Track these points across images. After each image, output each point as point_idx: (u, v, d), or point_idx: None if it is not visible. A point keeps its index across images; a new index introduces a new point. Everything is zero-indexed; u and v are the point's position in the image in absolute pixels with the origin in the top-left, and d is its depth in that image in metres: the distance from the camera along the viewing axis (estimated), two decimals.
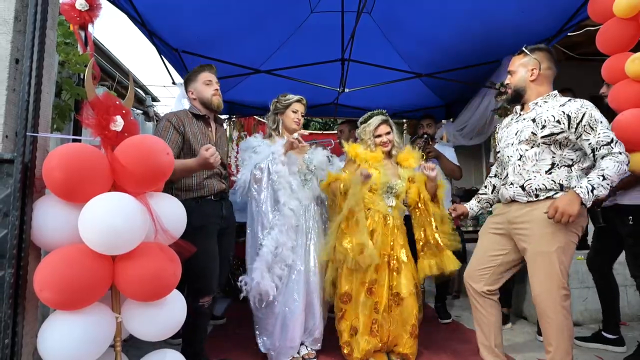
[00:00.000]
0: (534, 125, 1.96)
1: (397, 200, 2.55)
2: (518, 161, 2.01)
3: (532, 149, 1.97)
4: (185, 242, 1.55)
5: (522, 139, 2.01)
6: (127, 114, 1.47)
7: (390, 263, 2.45)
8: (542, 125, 1.93)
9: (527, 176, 1.97)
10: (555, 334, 1.88)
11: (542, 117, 1.94)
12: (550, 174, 1.93)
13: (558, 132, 1.89)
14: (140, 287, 1.38)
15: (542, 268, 1.90)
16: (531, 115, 2.01)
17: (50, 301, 1.27)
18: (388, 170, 2.55)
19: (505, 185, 2.08)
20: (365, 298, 2.37)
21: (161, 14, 2.92)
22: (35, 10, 1.34)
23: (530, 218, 1.95)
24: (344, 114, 5.17)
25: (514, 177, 2.03)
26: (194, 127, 2.26)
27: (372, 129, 2.58)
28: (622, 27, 2.11)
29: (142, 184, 1.44)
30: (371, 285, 2.39)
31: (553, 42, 3.16)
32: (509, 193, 2.05)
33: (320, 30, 3.46)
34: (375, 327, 2.40)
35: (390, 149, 2.62)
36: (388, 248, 2.46)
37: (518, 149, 2.02)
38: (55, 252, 1.31)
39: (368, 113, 2.66)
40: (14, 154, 1.29)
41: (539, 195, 1.94)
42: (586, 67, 3.87)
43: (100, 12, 1.59)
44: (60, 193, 1.32)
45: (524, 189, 1.98)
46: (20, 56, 1.36)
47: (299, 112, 2.62)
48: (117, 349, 1.46)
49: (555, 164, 1.93)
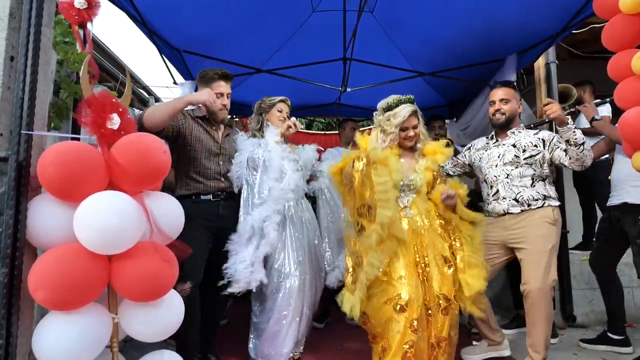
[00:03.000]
0: (515, 150, 2.39)
1: (419, 196, 2.18)
2: (506, 179, 2.39)
3: (517, 169, 2.37)
4: (181, 242, 1.53)
5: (506, 162, 2.40)
6: (124, 112, 1.45)
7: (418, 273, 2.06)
8: (523, 149, 2.37)
9: (517, 190, 2.36)
10: (544, 320, 2.22)
11: (522, 143, 2.38)
12: (533, 187, 2.35)
13: (536, 154, 2.35)
14: (137, 287, 1.36)
15: (539, 264, 2.22)
16: (510, 141, 2.43)
17: (45, 301, 1.25)
18: (403, 167, 2.17)
19: (497, 200, 2.42)
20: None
21: (162, 13, 2.91)
22: (30, 7, 1.33)
23: (525, 223, 2.32)
24: (346, 114, 5.15)
25: (505, 193, 2.39)
26: (197, 127, 2.29)
27: (400, 121, 2.15)
28: (629, 23, 2.06)
29: (138, 182, 1.42)
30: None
31: (557, 40, 3.12)
32: (502, 207, 2.39)
33: (322, 29, 3.43)
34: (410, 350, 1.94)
35: (415, 144, 2.27)
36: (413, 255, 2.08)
37: (504, 170, 2.40)
38: (50, 252, 1.29)
39: (393, 98, 2.20)
40: (8, 152, 1.28)
41: (531, 204, 2.33)
42: (591, 65, 3.84)
43: (99, 10, 1.58)
44: (55, 191, 1.31)
45: (517, 200, 2.36)
46: (15, 53, 1.35)
47: (284, 112, 2.61)
48: (114, 349, 1.43)
49: (535, 178, 2.36)
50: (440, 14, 3.13)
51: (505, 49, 3.34)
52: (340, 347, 2.80)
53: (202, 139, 2.28)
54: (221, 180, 2.32)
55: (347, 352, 2.69)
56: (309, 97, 4.64)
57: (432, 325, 2.01)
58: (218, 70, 2.33)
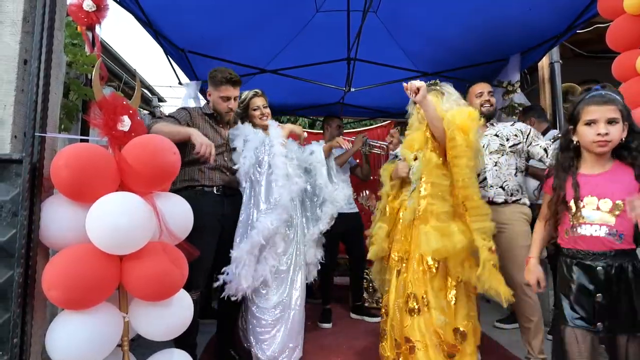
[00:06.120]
0: (499, 139, 2.47)
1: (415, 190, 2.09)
2: (495, 167, 2.44)
3: (503, 157, 2.44)
4: (188, 244, 1.55)
5: (492, 150, 2.46)
6: (134, 114, 1.47)
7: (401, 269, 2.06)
8: (507, 138, 2.45)
9: (504, 178, 2.42)
10: (536, 310, 2.28)
11: (503, 133, 2.48)
12: (516, 176, 2.43)
13: (517, 143, 2.44)
14: (148, 286, 1.38)
15: (521, 258, 2.14)
16: (492, 132, 2.51)
17: (58, 300, 1.27)
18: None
19: (485, 188, 2.42)
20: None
21: (167, 14, 2.93)
22: (43, 11, 1.35)
23: (507, 218, 2.35)
24: (349, 114, 5.16)
25: (493, 180, 2.43)
26: (205, 123, 2.35)
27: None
28: (633, 23, 2.07)
29: (149, 183, 1.44)
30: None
31: (561, 39, 3.12)
32: (489, 194, 2.41)
33: (326, 29, 3.45)
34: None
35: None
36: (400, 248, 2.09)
37: (491, 159, 2.45)
38: (63, 252, 1.31)
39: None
40: (23, 154, 1.29)
41: (513, 194, 2.40)
42: (595, 64, 3.83)
43: (107, 13, 1.60)
44: (68, 193, 1.33)
45: (503, 188, 2.41)
46: (29, 57, 1.37)
47: (261, 106, 2.57)
48: (125, 348, 1.45)
49: (517, 168, 2.44)
50: (444, 13, 3.14)
51: (509, 49, 3.35)
52: (346, 345, 2.81)
53: (209, 135, 2.31)
54: (226, 174, 2.35)
55: (354, 351, 2.71)
56: (313, 96, 4.66)
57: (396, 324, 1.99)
58: (227, 75, 2.33)
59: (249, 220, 2.31)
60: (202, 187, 2.28)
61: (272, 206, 2.29)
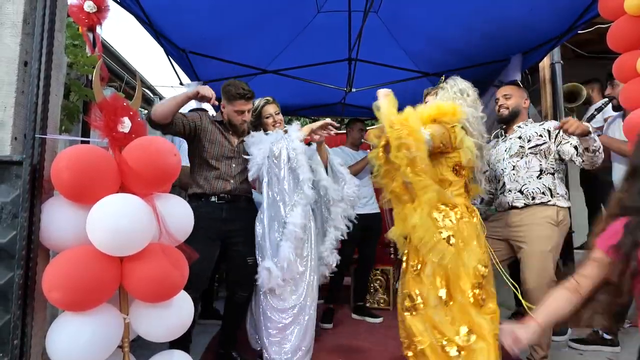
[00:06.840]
0: (520, 141, 2.40)
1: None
2: (512, 171, 2.39)
3: (522, 159, 2.37)
4: (188, 247, 1.55)
5: (512, 153, 2.41)
6: (135, 115, 1.47)
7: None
8: (528, 139, 2.37)
9: (523, 182, 2.34)
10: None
11: (527, 133, 2.39)
12: (540, 179, 2.31)
13: (541, 144, 2.33)
14: (148, 288, 1.38)
15: (539, 265, 2.22)
16: (516, 134, 2.44)
17: (59, 302, 1.28)
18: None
19: (503, 194, 2.41)
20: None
21: (168, 14, 2.94)
22: (43, 13, 1.34)
23: (527, 221, 2.29)
24: (350, 114, 5.16)
25: (511, 185, 2.38)
26: (214, 128, 2.36)
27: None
28: (634, 24, 2.07)
29: (149, 184, 1.44)
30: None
31: (562, 40, 3.12)
32: (507, 199, 2.38)
33: (327, 29, 3.45)
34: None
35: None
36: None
37: (510, 162, 2.41)
38: (63, 253, 1.31)
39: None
40: (23, 156, 1.29)
41: (535, 197, 2.29)
42: (596, 65, 3.82)
43: (108, 14, 1.60)
44: (68, 194, 1.33)
45: (522, 192, 2.34)
46: (29, 58, 1.37)
47: (273, 113, 2.54)
48: (125, 349, 1.46)
49: (543, 170, 2.32)
50: (445, 14, 3.13)
51: (510, 49, 3.34)
52: (346, 346, 2.81)
53: (217, 142, 2.33)
54: (229, 182, 2.34)
55: (354, 352, 2.71)
56: (314, 97, 4.66)
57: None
58: (240, 90, 2.31)
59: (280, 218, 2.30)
60: (203, 193, 2.30)
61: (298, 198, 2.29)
